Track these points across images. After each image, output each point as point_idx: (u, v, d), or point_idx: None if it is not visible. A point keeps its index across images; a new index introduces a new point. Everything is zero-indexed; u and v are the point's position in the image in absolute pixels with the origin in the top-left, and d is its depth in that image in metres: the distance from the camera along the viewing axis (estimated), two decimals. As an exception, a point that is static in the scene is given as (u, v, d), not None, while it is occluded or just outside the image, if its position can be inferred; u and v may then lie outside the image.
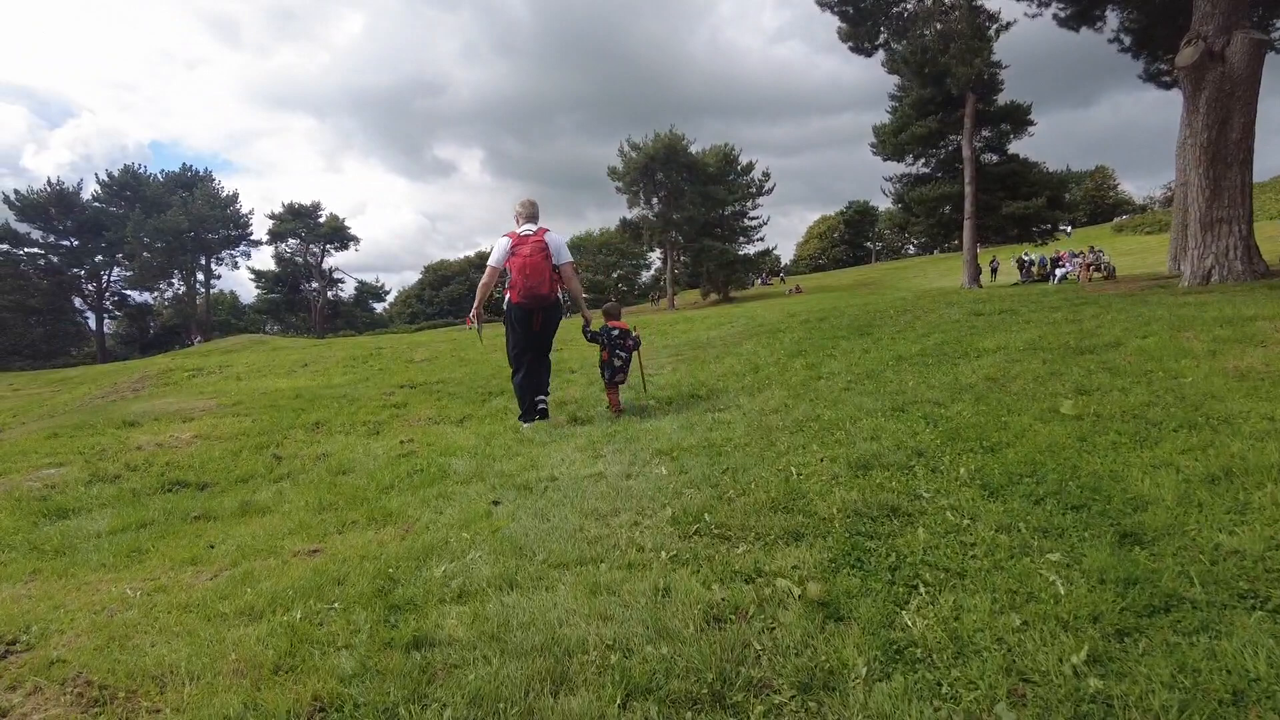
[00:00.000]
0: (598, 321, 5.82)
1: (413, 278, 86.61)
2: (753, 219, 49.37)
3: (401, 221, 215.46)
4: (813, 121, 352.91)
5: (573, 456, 4.36)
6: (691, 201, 44.11)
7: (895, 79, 31.73)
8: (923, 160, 34.02)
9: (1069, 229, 47.03)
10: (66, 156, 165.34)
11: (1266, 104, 10.52)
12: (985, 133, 32.13)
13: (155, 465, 5.27)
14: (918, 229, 35.45)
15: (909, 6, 22.66)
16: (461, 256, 78.95)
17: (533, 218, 5.52)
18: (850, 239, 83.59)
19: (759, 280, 55.48)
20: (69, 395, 16.26)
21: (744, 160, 47.77)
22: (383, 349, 15.80)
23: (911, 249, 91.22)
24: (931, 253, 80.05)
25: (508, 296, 5.42)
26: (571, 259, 5.55)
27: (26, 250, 47.75)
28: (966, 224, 27.84)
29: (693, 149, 44.41)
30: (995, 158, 33.15)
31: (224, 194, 55.95)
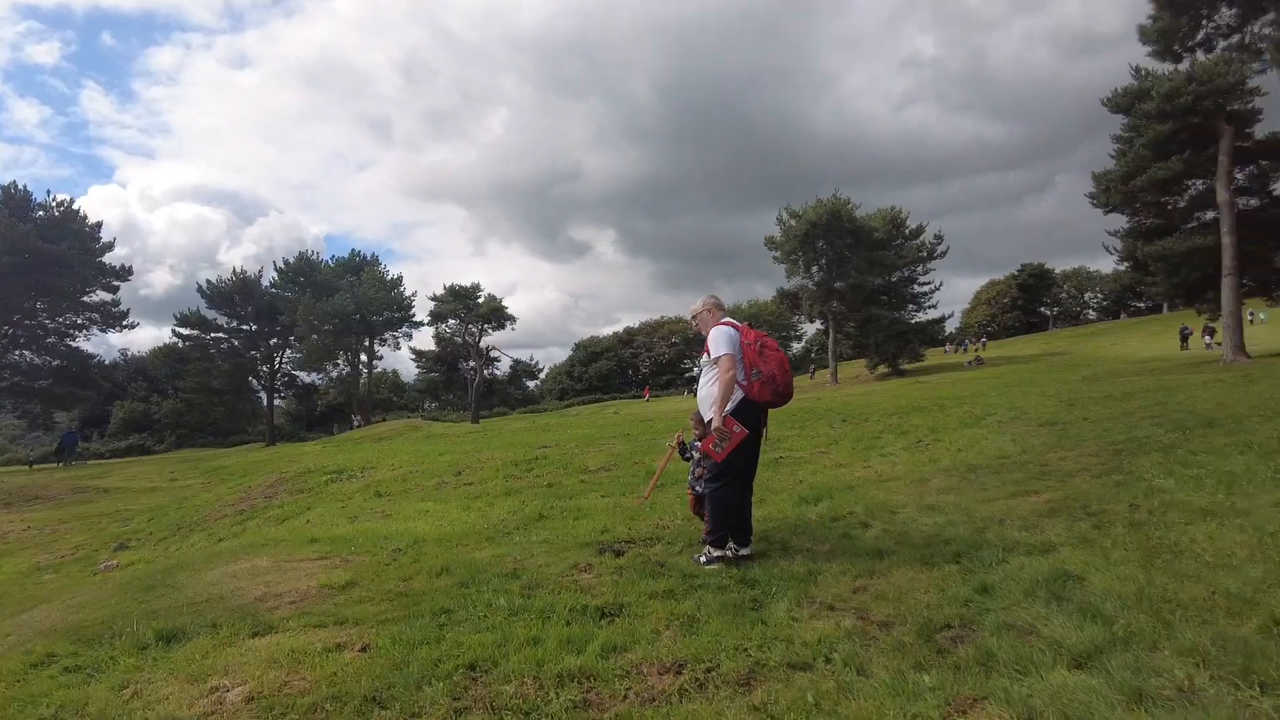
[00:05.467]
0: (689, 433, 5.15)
1: (558, 353, 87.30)
2: (923, 284, 44.89)
3: (546, 300, 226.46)
4: (951, 184, 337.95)
5: None
6: (857, 269, 40.17)
7: (1121, 118, 26.61)
8: (1153, 210, 27.81)
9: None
10: (253, 250, 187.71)
11: None
12: (1237, 174, 26.03)
13: None
14: (1155, 289, 29.06)
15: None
16: (610, 332, 78.35)
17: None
18: (1024, 304, 75.31)
19: (963, 347, 50.92)
20: (208, 495, 14.68)
21: (912, 224, 43.76)
22: (548, 450, 12.84)
23: (1092, 314, 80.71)
24: (1117, 317, 69.88)
25: (742, 395, 4.47)
26: None
27: (213, 335, 51.09)
28: (1226, 281, 22.87)
29: (858, 214, 40.89)
30: (1254, 202, 26.68)
31: (389, 278, 58.16)
